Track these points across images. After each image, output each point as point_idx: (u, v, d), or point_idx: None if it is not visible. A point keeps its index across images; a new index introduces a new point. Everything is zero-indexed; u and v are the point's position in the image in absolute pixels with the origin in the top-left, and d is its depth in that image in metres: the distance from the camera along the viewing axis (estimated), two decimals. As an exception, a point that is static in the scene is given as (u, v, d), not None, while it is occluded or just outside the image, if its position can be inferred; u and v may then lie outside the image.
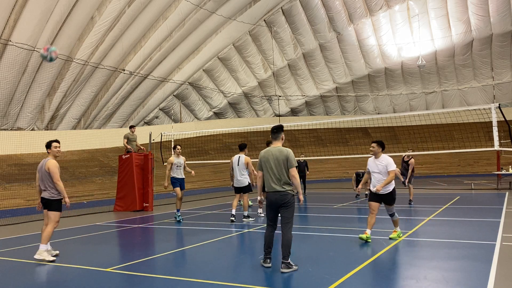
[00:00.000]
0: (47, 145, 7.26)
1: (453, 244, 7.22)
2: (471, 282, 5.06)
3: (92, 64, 21.32)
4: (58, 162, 7.18)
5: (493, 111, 11.76)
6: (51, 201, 6.97)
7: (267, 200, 5.99)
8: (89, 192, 18.38)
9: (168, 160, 11.45)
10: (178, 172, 11.41)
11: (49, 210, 7.00)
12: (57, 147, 7.20)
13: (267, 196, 5.99)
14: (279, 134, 6.08)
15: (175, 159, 11.40)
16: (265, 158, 6.00)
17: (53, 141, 7.27)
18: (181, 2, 21.94)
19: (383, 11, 28.87)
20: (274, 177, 5.87)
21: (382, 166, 7.57)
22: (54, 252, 7.13)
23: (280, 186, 5.84)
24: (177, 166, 11.38)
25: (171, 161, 11.37)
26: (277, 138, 6.08)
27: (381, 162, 7.60)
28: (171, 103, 29.00)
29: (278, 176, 5.86)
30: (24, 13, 17.29)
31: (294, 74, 32.32)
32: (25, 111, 20.66)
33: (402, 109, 34.66)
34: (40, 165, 7.13)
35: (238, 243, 8.22)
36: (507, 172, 20.44)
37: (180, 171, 11.48)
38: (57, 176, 6.94)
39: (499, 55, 30.41)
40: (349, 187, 21.07)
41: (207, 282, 5.30)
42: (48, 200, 6.98)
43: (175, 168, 11.36)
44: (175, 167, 11.36)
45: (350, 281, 5.20)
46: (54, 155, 7.20)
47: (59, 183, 6.94)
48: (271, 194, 5.92)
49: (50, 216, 6.99)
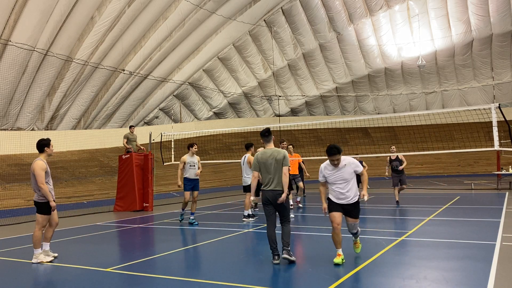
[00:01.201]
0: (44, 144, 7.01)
1: (453, 244, 7.21)
2: (471, 282, 5.06)
3: (92, 64, 21.31)
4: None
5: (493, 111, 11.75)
6: (39, 204, 6.84)
7: (265, 199, 6.29)
8: (89, 192, 18.37)
9: (181, 159, 10.73)
10: (191, 172, 10.67)
11: (36, 212, 6.88)
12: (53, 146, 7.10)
13: (265, 194, 6.29)
14: (271, 136, 6.53)
15: (188, 158, 10.68)
16: (263, 159, 6.34)
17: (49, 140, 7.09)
18: (181, 2, 21.93)
19: (383, 11, 28.86)
20: (273, 177, 6.24)
21: (348, 172, 6.08)
22: (52, 255, 7.04)
23: (278, 185, 6.23)
24: (190, 165, 10.65)
25: (183, 160, 10.64)
26: (270, 141, 6.52)
27: (345, 167, 6.08)
28: (171, 103, 29.00)
29: (277, 176, 6.24)
30: (24, 13, 17.28)
31: (294, 74, 32.31)
32: (25, 111, 20.65)
33: (402, 109, 34.64)
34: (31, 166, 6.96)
35: (238, 243, 8.21)
36: (507, 172, 20.43)
37: (194, 171, 10.73)
38: (41, 179, 6.69)
39: (499, 55, 30.40)
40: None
41: (207, 282, 5.30)
42: (36, 202, 6.88)
43: (188, 168, 10.63)
44: (188, 167, 10.63)
45: (350, 281, 5.20)
46: (49, 154, 7.06)
47: (42, 186, 6.69)
48: (269, 193, 6.25)
49: (37, 219, 6.88)
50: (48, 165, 7.01)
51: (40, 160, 6.93)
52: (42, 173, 6.75)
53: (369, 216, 11.55)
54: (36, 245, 6.80)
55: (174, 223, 11.18)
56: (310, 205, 14.40)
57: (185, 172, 10.62)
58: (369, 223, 10.31)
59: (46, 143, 7.05)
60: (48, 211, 6.85)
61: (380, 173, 26.56)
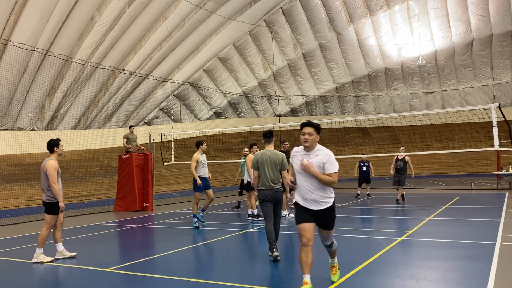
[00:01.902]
0: (53, 145, 6.99)
1: (453, 244, 7.21)
2: (471, 282, 5.06)
3: (92, 64, 21.32)
4: (58, 162, 7.12)
5: (493, 111, 11.76)
6: (47, 204, 6.87)
7: (263, 196, 6.72)
8: (89, 192, 18.38)
9: (193, 158, 10.33)
10: (204, 171, 10.41)
11: (45, 212, 6.91)
12: (62, 146, 7.14)
13: (264, 192, 6.73)
14: (272, 138, 7.03)
15: (200, 156, 10.39)
16: (262, 159, 6.77)
17: (58, 140, 7.09)
18: (181, 2, 21.93)
19: (383, 11, 28.86)
20: (269, 176, 6.71)
21: (318, 162, 4.72)
22: (69, 254, 7.05)
23: (275, 184, 6.71)
24: (203, 164, 10.42)
25: (196, 159, 10.27)
26: (271, 142, 7.00)
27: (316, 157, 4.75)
28: (171, 103, 29.00)
29: (273, 176, 6.72)
30: (24, 13, 17.28)
31: (294, 74, 32.31)
32: (25, 111, 20.65)
33: (402, 109, 34.64)
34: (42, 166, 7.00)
35: (238, 243, 8.21)
36: (507, 172, 20.44)
37: (206, 169, 10.49)
38: (53, 178, 6.73)
39: (499, 55, 30.40)
40: (349, 187, 21.08)
41: (207, 282, 5.30)
42: (44, 202, 6.91)
43: (201, 166, 10.34)
44: (201, 165, 10.35)
45: (350, 281, 5.19)
46: (59, 154, 7.10)
47: (54, 186, 6.72)
48: (268, 191, 6.69)
49: (45, 218, 6.91)
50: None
51: (52, 159, 6.94)
52: (55, 173, 6.79)
53: (369, 216, 11.55)
54: (40, 244, 6.82)
55: (174, 223, 11.18)
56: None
57: (198, 170, 10.32)
58: (369, 223, 10.31)
59: (55, 143, 7.04)
60: (56, 211, 6.87)
61: (381, 173, 26.58)
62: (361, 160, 16.72)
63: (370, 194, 16.77)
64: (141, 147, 15.71)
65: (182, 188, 21.32)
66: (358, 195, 16.69)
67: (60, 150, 7.09)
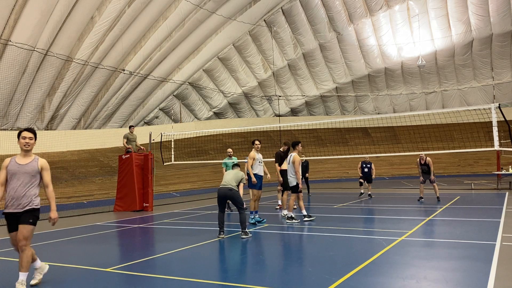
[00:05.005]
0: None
1: (453, 244, 7.21)
2: (471, 282, 5.06)
3: (92, 64, 21.32)
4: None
5: (493, 111, 11.75)
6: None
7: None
8: (89, 192, 18.37)
9: (250, 155, 10.23)
10: (260, 169, 10.29)
11: None
12: (25, 138, 5.66)
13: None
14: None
15: (256, 154, 10.25)
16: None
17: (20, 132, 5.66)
18: (181, 2, 21.94)
19: (383, 11, 28.87)
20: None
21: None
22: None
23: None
24: (259, 162, 10.29)
25: (252, 156, 10.16)
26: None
27: None
28: (171, 103, 29.00)
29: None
30: (24, 13, 17.28)
31: (294, 74, 32.31)
32: (25, 111, 20.65)
33: (402, 109, 34.65)
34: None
35: (238, 243, 8.21)
36: (507, 172, 20.44)
37: (261, 168, 10.36)
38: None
39: (499, 55, 30.41)
40: (349, 187, 21.08)
41: (207, 282, 5.30)
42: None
43: (258, 164, 10.22)
44: (258, 163, 10.22)
45: (350, 281, 5.19)
46: (20, 148, 5.73)
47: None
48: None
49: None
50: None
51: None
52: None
53: (369, 216, 11.56)
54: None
55: (174, 223, 11.18)
56: (310, 205, 14.39)
57: (254, 168, 10.17)
58: (369, 223, 10.31)
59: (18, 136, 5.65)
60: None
61: (381, 173, 26.58)
62: (364, 161, 16.72)
63: (371, 195, 16.78)
64: (141, 147, 15.70)
65: (182, 188, 21.33)
66: (361, 194, 16.69)
67: (20, 143, 5.73)
